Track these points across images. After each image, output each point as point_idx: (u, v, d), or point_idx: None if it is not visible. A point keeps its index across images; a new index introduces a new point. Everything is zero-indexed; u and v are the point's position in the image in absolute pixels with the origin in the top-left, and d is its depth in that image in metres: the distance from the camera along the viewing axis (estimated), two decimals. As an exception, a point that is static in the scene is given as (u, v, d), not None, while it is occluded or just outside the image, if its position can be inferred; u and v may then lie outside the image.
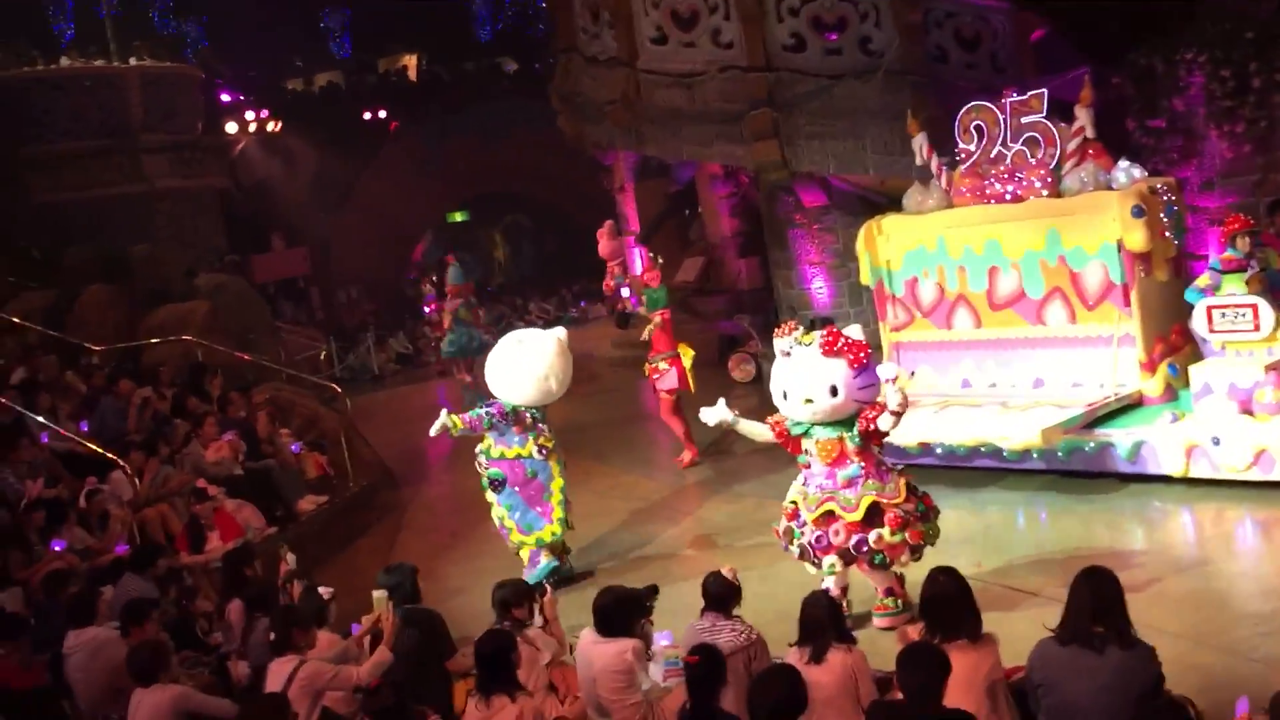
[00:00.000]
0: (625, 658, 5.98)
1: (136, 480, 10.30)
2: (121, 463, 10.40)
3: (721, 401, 7.87)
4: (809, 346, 7.28)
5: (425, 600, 7.55)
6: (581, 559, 9.79)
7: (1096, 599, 4.93)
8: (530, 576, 8.82)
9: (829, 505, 7.34)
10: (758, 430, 7.83)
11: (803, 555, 7.52)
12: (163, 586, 8.52)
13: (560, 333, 9.59)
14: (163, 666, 6.40)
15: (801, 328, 7.52)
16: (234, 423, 12.40)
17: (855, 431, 7.27)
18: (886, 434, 7.34)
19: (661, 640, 6.81)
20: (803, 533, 7.47)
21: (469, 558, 10.19)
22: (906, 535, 7.24)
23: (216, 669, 7.67)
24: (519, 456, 9.30)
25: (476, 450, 9.47)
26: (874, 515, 7.25)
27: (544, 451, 9.31)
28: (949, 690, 4.61)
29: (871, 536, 7.22)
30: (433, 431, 9.24)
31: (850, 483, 7.30)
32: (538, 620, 6.88)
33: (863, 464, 7.32)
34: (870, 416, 7.20)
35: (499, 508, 9.37)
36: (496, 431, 9.31)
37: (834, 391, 7.17)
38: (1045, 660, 4.99)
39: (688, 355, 12.34)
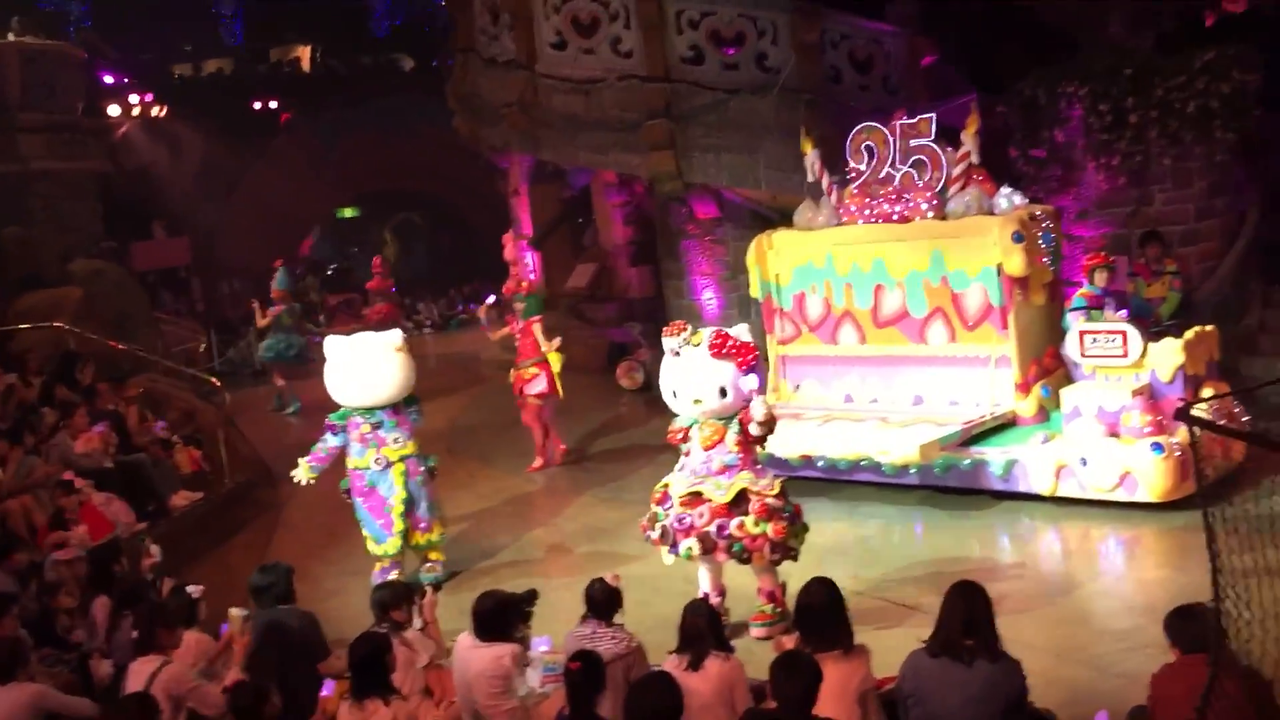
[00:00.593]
0: (503, 662, 5.95)
1: (-2, 470, 9.92)
2: (-18, 451, 10.00)
3: None
4: (698, 348, 7.39)
5: (302, 601, 7.41)
6: (462, 562, 9.69)
7: (968, 613, 5.04)
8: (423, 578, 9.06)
9: (699, 487, 7.38)
10: None
11: (663, 538, 7.52)
12: (22, 581, 8.22)
13: (395, 337, 9.31)
14: (20, 664, 6.20)
15: (690, 327, 7.60)
16: (105, 414, 12.02)
17: (736, 421, 7.40)
18: (757, 435, 7.40)
19: (540, 645, 6.81)
20: (667, 515, 7.50)
21: (347, 557, 10.01)
22: (769, 528, 7.23)
23: (77, 667, 7.42)
24: (357, 468, 9.20)
25: None
26: (741, 504, 7.30)
27: (382, 463, 9.11)
28: (821, 700, 4.67)
29: (734, 523, 7.24)
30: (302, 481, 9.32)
31: (726, 469, 7.37)
32: (416, 622, 6.81)
33: (740, 454, 7.41)
34: (748, 411, 7.35)
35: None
36: (350, 446, 9.23)
37: (723, 393, 7.32)
38: (916, 671, 5.09)
39: (556, 361, 12.32)
